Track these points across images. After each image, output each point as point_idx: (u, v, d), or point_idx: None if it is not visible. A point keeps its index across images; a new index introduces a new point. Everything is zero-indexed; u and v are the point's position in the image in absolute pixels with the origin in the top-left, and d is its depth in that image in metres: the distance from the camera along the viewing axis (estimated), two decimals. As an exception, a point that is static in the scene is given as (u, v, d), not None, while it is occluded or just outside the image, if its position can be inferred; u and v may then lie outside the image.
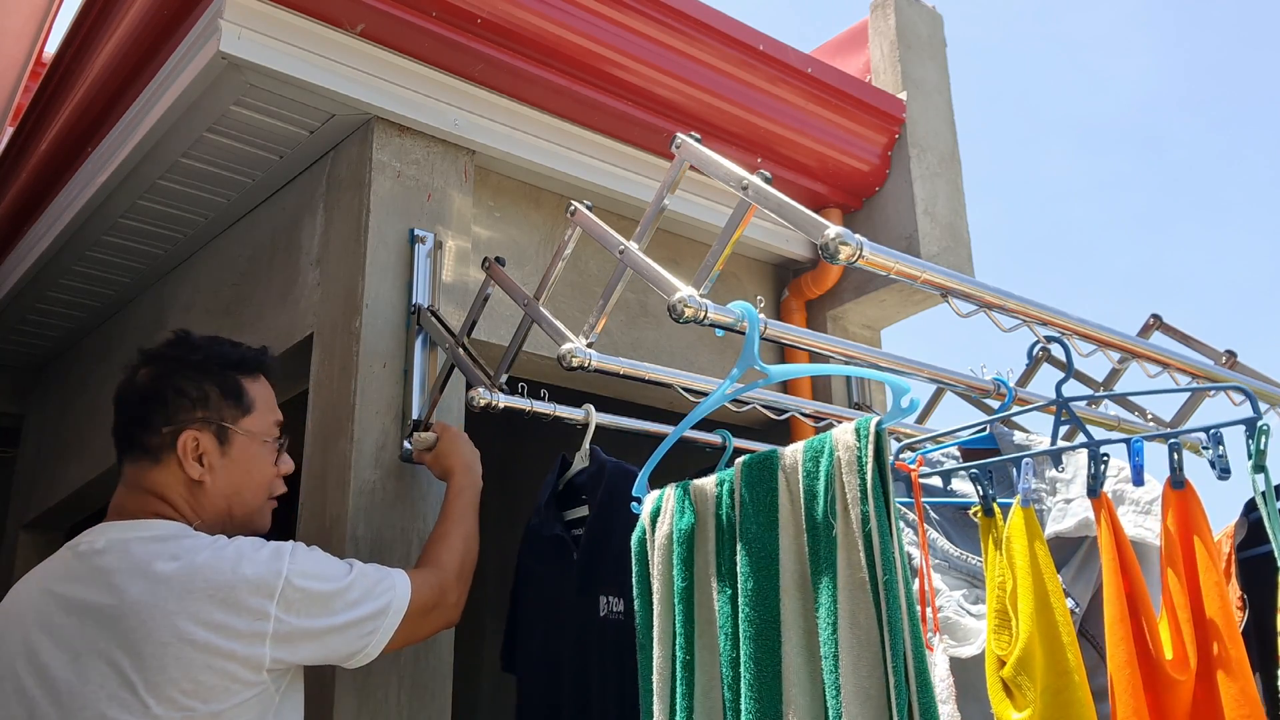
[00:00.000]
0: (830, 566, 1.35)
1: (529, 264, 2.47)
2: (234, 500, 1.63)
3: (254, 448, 1.65)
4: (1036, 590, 1.42)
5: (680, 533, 1.56)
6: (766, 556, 1.44)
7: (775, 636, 1.40)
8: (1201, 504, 1.44)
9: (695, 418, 1.62)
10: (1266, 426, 1.40)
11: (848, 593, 1.33)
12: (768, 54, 2.69)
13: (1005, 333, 1.72)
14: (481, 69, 2.33)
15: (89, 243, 2.80)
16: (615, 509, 1.88)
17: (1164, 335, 2.45)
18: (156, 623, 1.41)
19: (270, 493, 1.69)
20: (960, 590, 1.78)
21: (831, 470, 1.38)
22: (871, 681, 1.28)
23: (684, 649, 1.51)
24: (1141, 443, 1.48)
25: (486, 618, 3.97)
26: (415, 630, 1.65)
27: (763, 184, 1.52)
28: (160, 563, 1.46)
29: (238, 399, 1.65)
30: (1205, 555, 1.41)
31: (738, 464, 1.53)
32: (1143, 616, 1.39)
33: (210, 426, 1.61)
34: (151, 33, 2.25)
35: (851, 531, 1.34)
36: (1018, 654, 1.41)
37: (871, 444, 1.34)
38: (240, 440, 1.63)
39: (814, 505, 1.40)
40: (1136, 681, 1.34)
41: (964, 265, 2.92)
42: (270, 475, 1.68)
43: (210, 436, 1.61)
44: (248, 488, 1.64)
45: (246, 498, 1.64)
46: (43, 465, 3.47)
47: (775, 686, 1.38)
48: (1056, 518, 1.73)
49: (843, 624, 1.32)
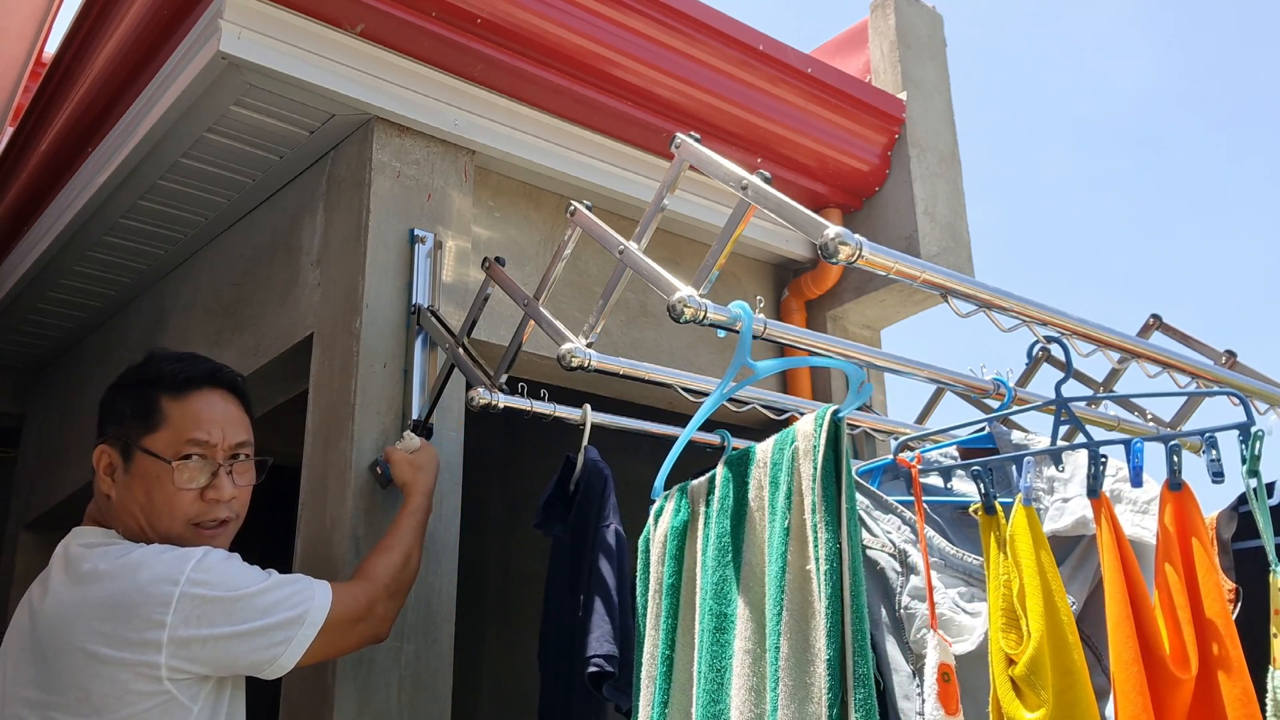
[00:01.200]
0: (781, 557, 1.35)
1: (529, 264, 2.47)
2: (146, 520, 1.57)
3: (155, 467, 1.57)
4: (1044, 590, 1.42)
5: (674, 530, 1.58)
6: (733, 549, 1.45)
7: (730, 629, 1.40)
8: (1199, 505, 1.44)
9: (700, 419, 1.62)
10: (1261, 432, 1.41)
11: (795, 584, 1.32)
12: (768, 54, 2.70)
13: (1005, 333, 1.72)
14: (481, 69, 2.33)
15: (89, 243, 2.80)
16: (587, 508, 1.90)
17: (1164, 335, 2.45)
18: (58, 629, 1.44)
19: (190, 517, 1.58)
20: (956, 588, 1.78)
21: (790, 461, 1.38)
22: (812, 676, 1.27)
23: (666, 643, 1.52)
24: (1142, 445, 1.48)
25: (487, 618, 3.97)
26: (337, 643, 1.60)
27: (762, 184, 1.52)
28: (83, 565, 1.50)
29: (145, 416, 1.59)
30: (1204, 556, 1.40)
31: (720, 460, 1.55)
32: (1145, 616, 1.39)
33: (118, 443, 1.60)
34: (151, 33, 2.25)
35: (803, 522, 1.33)
36: (1030, 653, 1.41)
37: (826, 432, 1.34)
38: (140, 458, 1.57)
39: (775, 496, 1.40)
40: (1141, 680, 1.34)
41: (964, 265, 2.92)
42: (175, 497, 1.57)
43: (117, 453, 1.59)
44: (151, 508, 1.57)
45: (156, 519, 1.57)
46: (43, 465, 3.47)
47: (724, 679, 1.38)
48: (1054, 516, 1.73)
49: (787, 616, 1.31)
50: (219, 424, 1.62)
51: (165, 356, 1.66)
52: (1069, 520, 1.70)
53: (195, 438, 1.59)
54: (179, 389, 1.62)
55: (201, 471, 1.59)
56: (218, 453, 1.60)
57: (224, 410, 1.64)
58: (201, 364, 1.67)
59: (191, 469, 1.58)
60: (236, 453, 1.64)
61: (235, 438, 1.64)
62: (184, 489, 1.57)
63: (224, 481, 1.61)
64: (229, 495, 1.61)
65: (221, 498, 1.60)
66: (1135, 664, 1.35)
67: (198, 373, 1.64)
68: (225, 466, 1.61)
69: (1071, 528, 1.70)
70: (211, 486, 1.59)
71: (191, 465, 1.58)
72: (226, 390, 1.67)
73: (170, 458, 1.56)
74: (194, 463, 1.58)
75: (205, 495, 1.59)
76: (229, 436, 1.62)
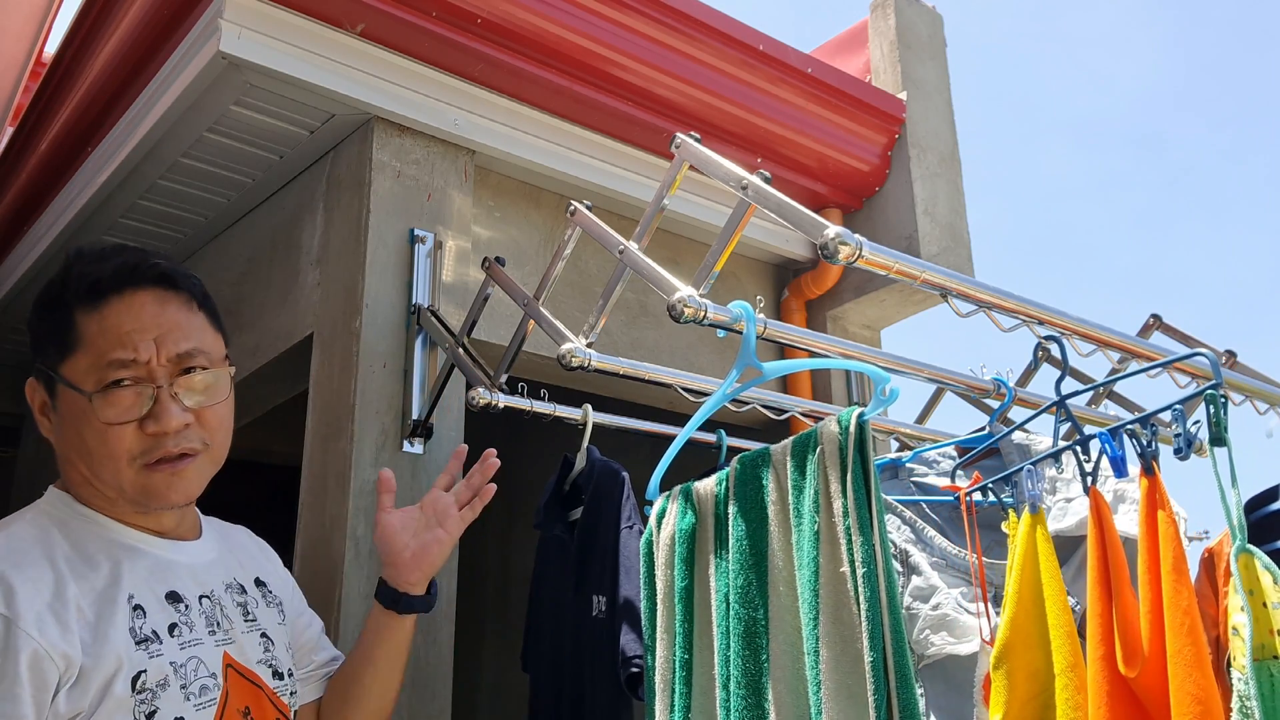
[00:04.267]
0: (814, 561, 1.35)
1: (529, 264, 2.47)
2: (89, 469, 1.24)
3: (79, 401, 1.21)
4: (1033, 595, 1.42)
5: (681, 533, 1.57)
6: (756, 553, 1.45)
7: (762, 634, 1.40)
8: (1163, 486, 1.35)
9: (700, 419, 1.62)
10: (1223, 397, 1.30)
11: (830, 587, 1.32)
12: (768, 54, 2.70)
13: (1005, 333, 1.72)
14: (481, 69, 2.33)
15: (89, 243, 2.80)
16: (601, 509, 1.89)
17: (1164, 335, 2.45)
18: None
19: (134, 455, 1.22)
20: (959, 588, 1.79)
21: (816, 464, 1.38)
22: (854, 678, 1.27)
23: (683, 648, 1.51)
24: (1109, 434, 1.45)
25: (486, 618, 3.97)
26: None
27: (762, 184, 1.52)
28: None
29: (60, 337, 1.23)
30: (1170, 546, 1.29)
31: (733, 462, 1.54)
32: (1114, 613, 1.34)
33: (42, 375, 1.27)
34: (151, 33, 2.25)
35: (834, 525, 1.34)
36: (996, 654, 1.41)
37: (853, 436, 1.34)
38: (63, 392, 1.23)
39: (800, 500, 1.40)
40: (1098, 679, 1.31)
41: (964, 265, 2.92)
42: (108, 435, 1.20)
43: (42, 387, 1.27)
44: (88, 453, 1.22)
45: (98, 467, 1.22)
46: (42, 465, 3.47)
47: (761, 684, 1.39)
48: (1056, 516, 1.74)
49: (824, 619, 1.31)
50: (148, 333, 1.23)
51: (79, 255, 1.28)
52: (1073, 520, 1.70)
53: (116, 358, 1.21)
54: (91, 298, 1.23)
55: (138, 399, 1.21)
56: (154, 371, 1.22)
57: (155, 314, 1.24)
58: (114, 259, 1.26)
59: (120, 398, 1.20)
60: (187, 366, 1.25)
61: (176, 346, 1.24)
62: (115, 424, 1.20)
63: (167, 407, 1.22)
64: (176, 425, 1.22)
65: (166, 429, 1.22)
66: (1097, 663, 1.32)
67: (108, 272, 1.24)
68: (168, 387, 1.23)
69: (1075, 527, 1.70)
70: (151, 417, 1.21)
71: (120, 393, 1.21)
72: (156, 286, 1.26)
73: (90, 388, 1.20)
74: (123, 389, 1.21)
75: (145, 428, 1.22)
76: (167, 347, 1.23)
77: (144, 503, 1.25)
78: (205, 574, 1.33)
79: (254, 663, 1.33)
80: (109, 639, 1.15)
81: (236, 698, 1.26)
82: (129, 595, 1.21)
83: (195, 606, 1.28)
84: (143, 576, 1.24)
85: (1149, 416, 1.42)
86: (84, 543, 1.23)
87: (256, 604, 1.40)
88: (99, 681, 1.13)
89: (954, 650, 1.72)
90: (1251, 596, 1.27)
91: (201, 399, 1.26)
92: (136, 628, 1.19)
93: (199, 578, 1.32)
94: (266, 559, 1.54)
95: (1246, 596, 1.26)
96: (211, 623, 1.28)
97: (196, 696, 1.21)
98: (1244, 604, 1.26)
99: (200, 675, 1.22)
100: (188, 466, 1.25)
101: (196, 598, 1.29)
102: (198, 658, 1.23)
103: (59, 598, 1.14)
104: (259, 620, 1.38)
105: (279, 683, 1.36)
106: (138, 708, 1.14)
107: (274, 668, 1.36)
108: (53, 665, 1.10)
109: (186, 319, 1.28)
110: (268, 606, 1.43)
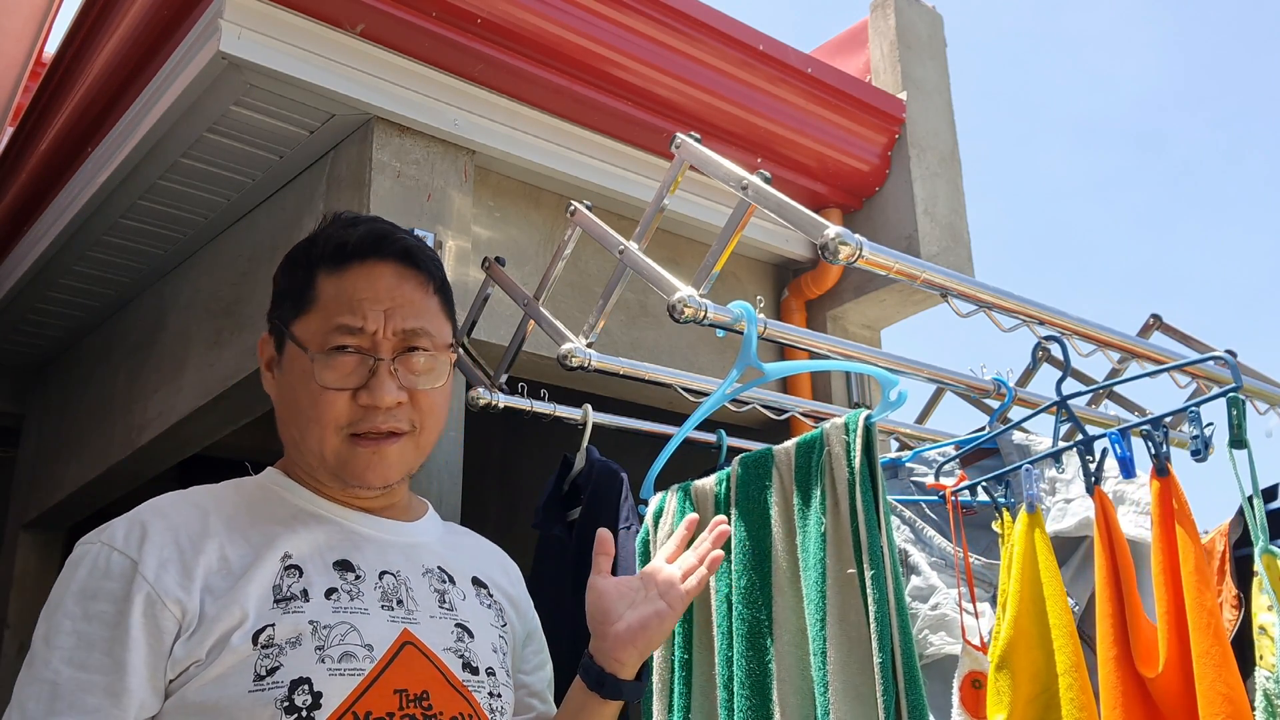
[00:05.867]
0: (820, 563, 1.35)
1: (529, 264, 2.47)
2: (299, 430, 1.23)
3: (302, 361, 1.21)
4: (1033, 595, 1.42)
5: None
6: (759, 554, 1.44)
7: (766, 634, 1.40)
8: (1182, 491, 1.37)
9: (698, 418, 1.62)
10: (1244, 399, 1.31)
11: (837, 588, 1.33)
12: (768, 54, 2.70)
13: (1005, 333, 1.72)
14: (481, 69, 2.33)
15: (89, 243, 2.80)
16: (600, 508, 1.89)
17: (1164, 335, 2.45)
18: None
19: (342, 425, 1.20)
20: (958, 588, 1.78)
21: (822, 465, 1.38)
22: (862, 678, 1.28)
23: (683, 648, 1.51)
24: (1118, 434, 1.45)
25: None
26: None
27: (762, 184, 1.52)
28: None
29: (300, 294, 1.24)
30: (1186, 543, 1.32)
31: (735, 462, 1.54)
32: (1126, 614, 1.35)
33: (274, 330, 1.27)
34: (151, 33, 2.25)
35: (841, 526, 1.34)
36: (999, 654, 1.41)
37: (860, 438, 1.34)
38: (290, 349, 1.23)
39: (806, 501, 1.40)
40: (1113, 680, 1.32)
41: (964, 265, 2.92)
42: (321, 400, 1.20)
43: (272, 342, 1.27)
44: (299, 415, 1.22)
45: (306, 430, 1.22)
46: (43, 465, 3.47)
47: (766, 685, 1.38)
48: (1056, 517, 1.74)
49: (831, 620, 1.31)
50: (379, 304, 1.22)
51: (335, 218, 1.30)
52: (1072, 521, 1.70)
53: (344, 323, 1.20)
54: (334, 261, 1.24)
55: (357, 368, 1.20)
56: (379, 343, 1.21)
57: (390, 287, 1.23)
58: (364, 225, 1.27)
59: (340, 363, 1.20)
60: (411, 344, 1.23)
61: (404, 322, 1.23)
62: (330, 388, 1.19)
63: (384, 381, 1.20)
64: (390, 401, 1.20)
65: (379, 403, 1.20)
66: (1113, 662, 1.33)
67: (354, 238, 1.25)
68: (389, 362, 1.21)
69: (1075, 528, 1.70)
70: (366, 388, 1.20)
71: (341, 359, 1.20)
72: (398, 261, 1.25)
73: (315, 350, 1.20)
74: (346, 355, 1.20)
75: (359, 398, 1.20)
76: (395, 321, 1.22)
77: (341, 475, 1.23)
78: (397, 554, 1.27)
79: (440, 649, 1.22)
80: (243, 592, 1.12)
81: (400, 677, 1.17)
82: (285, 554, 1.17)
83: (370, 579, 1.21)
84: (315, 541, 1.21)
85: (1163, 418, 1.42)
86: (261, 505, 1.23)
87: (463, 597, 1.30)
88: (219, 632, 1.10)
89: (953, 650, 1.72)
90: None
91: (419, 380, 1.24)
92: (284, 585, 1.15)
93: (386, 556, 1.25)
94: (503, 572, 1.42)
95: (1276, 596, 1.27)
96: (388, 598, 1.21)
97: (334, 661, 1.13)
98: (1272, 602, 1.27)
99: (348, 642, 1.15)
100: (391, 447, 1.22)
101: (376, 572, 1.22)
102: (351, 624, 1.16)
103: (195, 547, 1.13)
104: (457, 611, 1.28)
105: (471, 676, 1.23)
106: (260, 662, 1.10)
107: (465, 659, 1.24)
108: (167, 612, 1.09)
109: (420, 298, 1.26)
110: (480, 605, 1.32)
